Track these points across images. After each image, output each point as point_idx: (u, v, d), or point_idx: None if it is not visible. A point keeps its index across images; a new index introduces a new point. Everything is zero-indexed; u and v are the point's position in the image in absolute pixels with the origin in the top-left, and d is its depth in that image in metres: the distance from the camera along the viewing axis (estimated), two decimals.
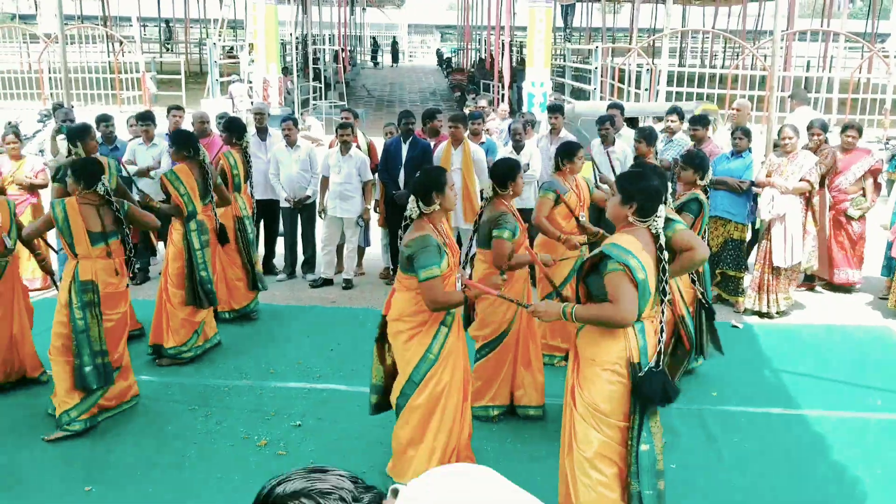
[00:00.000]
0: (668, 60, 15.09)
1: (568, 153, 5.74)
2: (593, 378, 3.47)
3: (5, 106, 15.68)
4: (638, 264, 3.34)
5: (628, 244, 3.39)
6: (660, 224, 3.47)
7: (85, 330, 4.79)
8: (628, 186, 3.50)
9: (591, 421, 3.48)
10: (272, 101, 15.71)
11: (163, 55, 32.15)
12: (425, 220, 4.04)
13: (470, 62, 32.62)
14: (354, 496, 1.50)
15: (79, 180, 4.88)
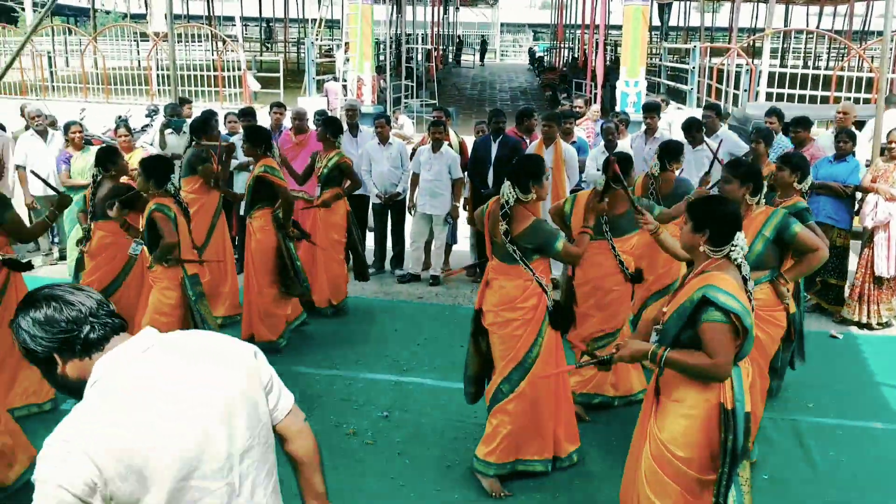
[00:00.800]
0: (770, 61, 14.58)
1: (674, 153, 5.62)
2: (676, 423, 3.14)
3: (116, 101, 16.50)
4: (743, 309, 3.01)
5: (729, 287, 3.05)
6: (739, 253, 3.16)
7: (204, 321, 5.08)
8: (698, 213, 3.21)
9: (668, 469, 3.14)
10: (365, 99, 16.04)
11: (263, 54, 33.19)
12: (526, 209, 4.07)
13: (562, 61, 32.36)
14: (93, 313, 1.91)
15: (149, 178, 5.04)
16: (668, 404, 3.19)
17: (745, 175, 4.22)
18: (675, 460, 3.11)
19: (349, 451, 4.68)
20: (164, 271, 5.08)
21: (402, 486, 4.32)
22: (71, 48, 23.41)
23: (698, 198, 3.45)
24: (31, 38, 10.57)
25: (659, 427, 3.18)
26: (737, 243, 3.15)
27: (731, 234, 3.14)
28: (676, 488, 3.13)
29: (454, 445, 4.74)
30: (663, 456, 3.15)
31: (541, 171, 4.08)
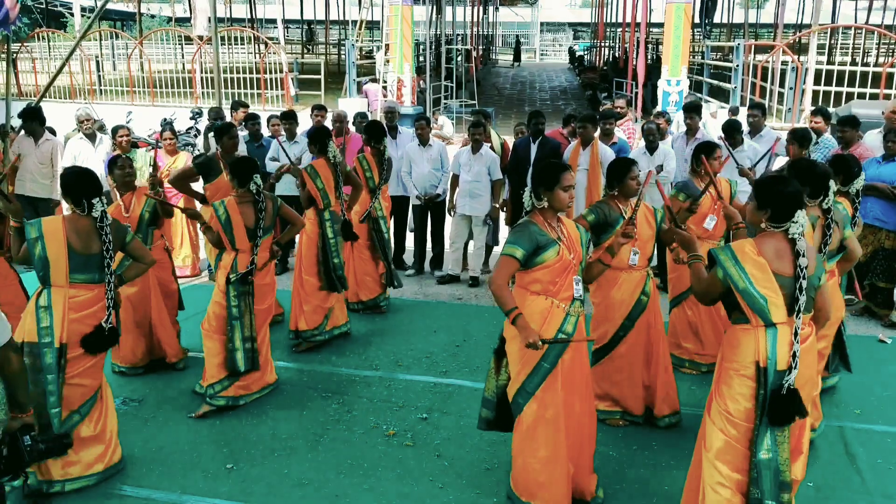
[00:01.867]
0: (816, 58, 14.30)
1: (708, 153, 5.57)
2: (726, 379, 3.50)
3: (161, 104, 16.81)
4: (739, 273, 3.39)
5: (741, 252, 3.43)
6: (798, 230, 3.38)
7: (239, 317, 5.15)
8: (762, 192, 3.48)
9: (718, 421, 3.51)
10: (405, 101, 16.11)
11: (304, 56, 33.52)
12: (535, 214, 3.96)
13: (602, 60, 32.10)
14: None
15: (233, 178, 5.24)
16: (722, 367, 3.55)
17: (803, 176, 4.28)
18: (724, 412, 3.47)
19: (389, 452, 4.71)
20: (223, 260, 5.26)
21: (440, 487, 4.33)
22: (118, 52, 23.93)
23: (763, 178, 3.65)
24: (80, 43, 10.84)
25: (717, 387, 3.55)
26: (796, 220, 3.38)
27: (792, 212, 3.38)
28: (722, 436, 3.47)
29: (494, 448, 4.74)
30: (717, 409, 3.51)
31: (553, 180, 3.88)
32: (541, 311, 3.88)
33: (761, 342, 3.39)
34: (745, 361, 3.42)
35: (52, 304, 4.05)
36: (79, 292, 4.12)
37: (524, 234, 3.86)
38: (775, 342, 3.37)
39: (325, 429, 4.98)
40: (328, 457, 4.65)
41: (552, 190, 3.89)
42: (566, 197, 3.91)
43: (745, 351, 3.42)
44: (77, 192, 4.13)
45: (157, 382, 5.68)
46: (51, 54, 19.70)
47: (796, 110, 13.47)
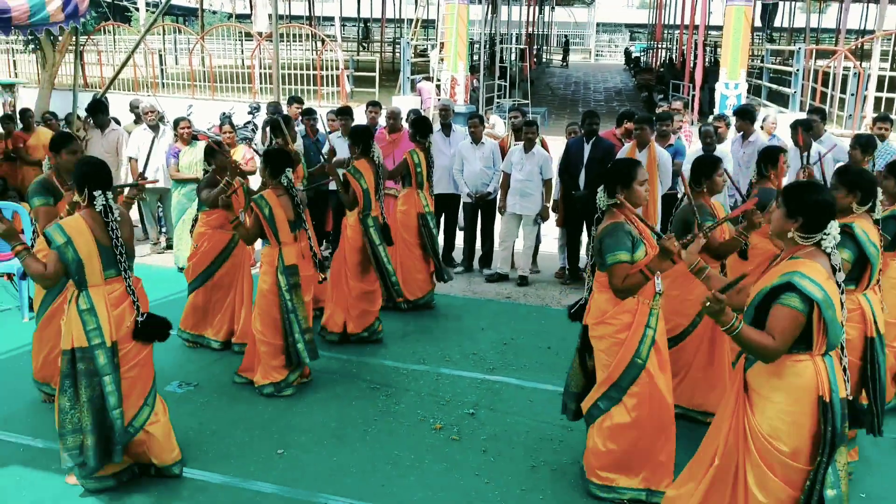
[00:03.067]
0: (879, 64, 13.92)
1: (773, 158, 5.47)
2: (772, 414, 3.17)
3: (220, 98, 17.15)
4: (827, 300, 3.04)
5: (817, 275, 3.07)
6: (831, 242, 3.13)
7: (294, 310, 5.25)
8: (793, 199, 3.18)
9: (773, 463, 3.17)
10: (458, 99, 16.16)
11: (360, 53, 33.85)
12: (616, 211, 4.00)
13: (659, 62, 31.71)
14: None
15: (265, 167, 5.34)
16: (762, 400, 3.21)
17: (853, 183, 4.15)
18: (779, 454, 3.14)
19: (435, 445, 4.77)
20: (267, 255, 5.35)
21: (486, 483, 4.37)
22: (180, 47, 24.47)
23: (793, 184, 3.33)
24: (144, 37, 11.15)
25: (759, 422, 3.19)
26: (829, 232, 3.13)
27: (825, 222, 3.13)
28: (779, 483, 3.16)
29: (539, 446, 4.76)
30: (768, 451, 3.17)
31: (630, 176, 3.94)
32: (629, 311, 3.96)
33: (822, 372, 3.12)
34: (803, 395, 3.12)
35: (94, 304, 3.98)
36: (113, 287, 4.06)
37: (620, 235, 3.89)
38: (834, 370, 3.15)
39: (372, 420, 5.06)
40: (375, 447, 4.73)
41: (629, 186, 3.94)
42: (643, 192, 3.97)
43: (801, 383, 3.12)
44: (83, 182, 3.99)
45: (212, 367, 5.83)
46: (115, 47, 20.23)
47: (857, 117, 13.14)
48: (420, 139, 7.09)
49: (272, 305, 5.30)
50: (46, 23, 7.55)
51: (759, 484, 3.21)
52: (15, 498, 4.12)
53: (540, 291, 7.81)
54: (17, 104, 12.46)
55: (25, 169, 9.21)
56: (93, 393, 3.98)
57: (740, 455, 3.28)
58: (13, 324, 6.66)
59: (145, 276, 4.83)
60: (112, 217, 4.01)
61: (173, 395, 5.32)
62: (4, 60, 20.46)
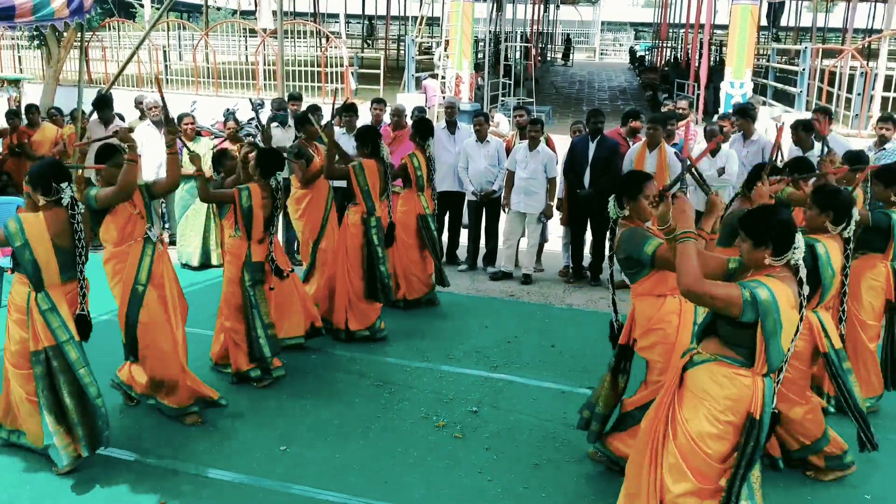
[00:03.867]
0: (887, 64, 13.85)
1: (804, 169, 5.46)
2: (703, 416, 3.28)
3: (224, 95, 17.15)
4: (776, 321, 3.10)
5: (780, 296, 3.12)
6: (798, 256, 3.18)
7: (256, 305, 5.32)
8: (757, 229, 3.20)
9: (691, 460, 3.30)
10: (463, 97, 16.13)
11: (364, 50, 33.83)
12: (627, 221, 4.03)
13: (664, 61, 31.64)
14: None
15: (257, 165, 5.34)
16: (696, 400, 3.31)
17: (825, 203, 4.20)
18: (701, 454, 3.28)
19: (438, 442, 4.76)
20: (233, 246, 5.38)
21: (489, 480, 4.37)
22: (184, 43, 24.47)
23: (748, 213, 3.35)
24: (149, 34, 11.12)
25: (687, 418, 3.30)
26: (797, 246, 3.19)
27: (791, 240, 3.18)
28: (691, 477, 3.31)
29: (543, 444, 4.75)
30: (691, 448, 3.30)
31: (635, 188, 3.95)
32: (674, 311, 3.98)
33: (758, 391, 3.21)
34: (736, 408, 3.23)
35: (54, 303, 4.08)
36: (68, 288, 4.17)
37: (638, 233, 3.90)
38: (772, 391, 3.25)
39: (375, 417, 5.06)
40: (378, 444, 4.72)
41: (636, 200, 3.95)
42: (649, 205, 3.93)
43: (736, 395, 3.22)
44: (47, 180, 4.02)
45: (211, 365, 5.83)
46: (120, 43, 20.23)
47: (864, 116, 13.09)
48: (420, 141, 7.04)
49: (235, 296, 5.36)
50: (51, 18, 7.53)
51: (672, 470, 3.36)
52: (16, 492, 4.12)
53: (544, 290, 7.80)
54: (22, 100, 12.45)
55: (30, 164, 9.20)
56: (72, 387, 4.09)
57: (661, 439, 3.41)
58: None
59: None
60: (77, 210, 4.08)
61: None
62: (9, 56, 20.47)
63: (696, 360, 3.37)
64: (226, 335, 5.49)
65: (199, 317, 6.14)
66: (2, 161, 9.23)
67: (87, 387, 4.11)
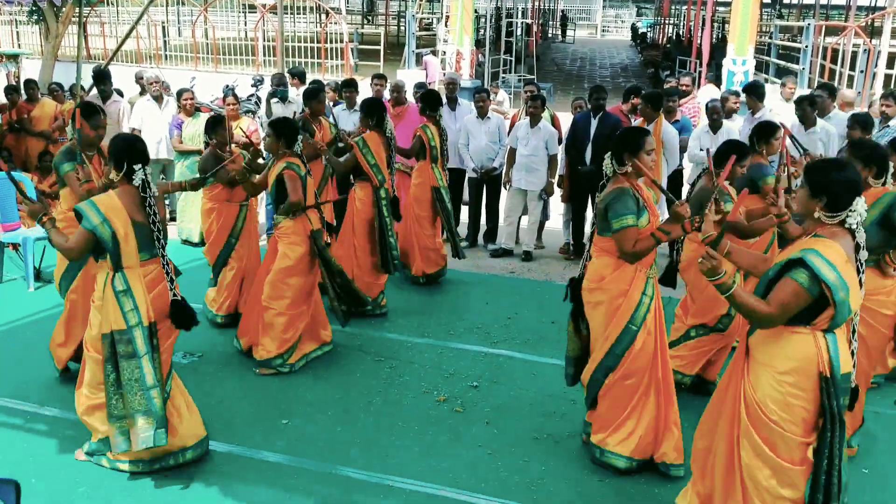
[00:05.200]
0: (890, 41, 13.76)
1: (765, 134, 5.42)
2: (766, 383, 3.17)
3: (224, 71, 17.05)
4: (840, 283, 2.99)
5: (834, 256, 3.03)
6: (857, 219, 3.09)
7: (335, 270, 5.36)
8: (817, 178, 3.13)
9: (761, 430, 3.19)
10: (464, 73, 16.04)
11: (364, 26, 33.60)
12: (622, 178, 4.02)
13: (666, 37, 31.44)
14: None
15: (279, 138, 5.26)
16: (759, 366, 3.21)
17: (868, 157, 4.15)
18: (769, 422, 3.16)
19: (439, 417, 4.79)
20: (293, 225, 5.27)
21: (489, 454, 4.40)
22: (183, 19, 24.31)
23: (816, 162, 3.30)
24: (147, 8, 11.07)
25: (753, 387, 3.22)
26: (855, 208, 3.09)
27: (850, 200, 3.09)
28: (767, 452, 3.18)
29: (543, 419, 4.79)
30: (759, 417, 3.19)
31: (637, 143, 3.96)
32: (627, 279, 4.01)
33: (822, 348, 3.10)
34: (802, 367, 3.11)
35: (130, 285, 3.91)
36: (148, 269, 3.99)
37: (625, 199, 3.92)
38: (836, 346, 3.12)
39: (377, 392, 5.09)
40: (379, 418, 4.75)
41: (637, 154, 3.95)
42: (649, 160, 3.99)
43: (801, 354, 3.11)
44: (121, 157, 3.91)
45: (217, 338, 5.85)
46: (119, 19, 20.10)
47: (866, 94, 13.04)
48: (430, 113, 7.01)
49: (299, 273, 5.26)
50: None
51: (752, 454, 3.22)
52: (24, 466, 4.16)
53: (544, 267, 7.81)
54: (21, 75, 12.38)
55: (30, 140, 9.18)
56: (131, 375, 3.92)
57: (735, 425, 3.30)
58: (19, 293, 6.69)
59: None
60: (150, 192, 3.96)
61: (178, 365, 5.33)
62: (8, 31, 20.33)
63: (753, 327, 3.29)
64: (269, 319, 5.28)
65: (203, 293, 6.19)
66: (1, 137, 9.20)
67: (145, 376, 3.92)
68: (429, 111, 7.01)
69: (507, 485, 4.13)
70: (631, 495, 4.06)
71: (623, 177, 4.02)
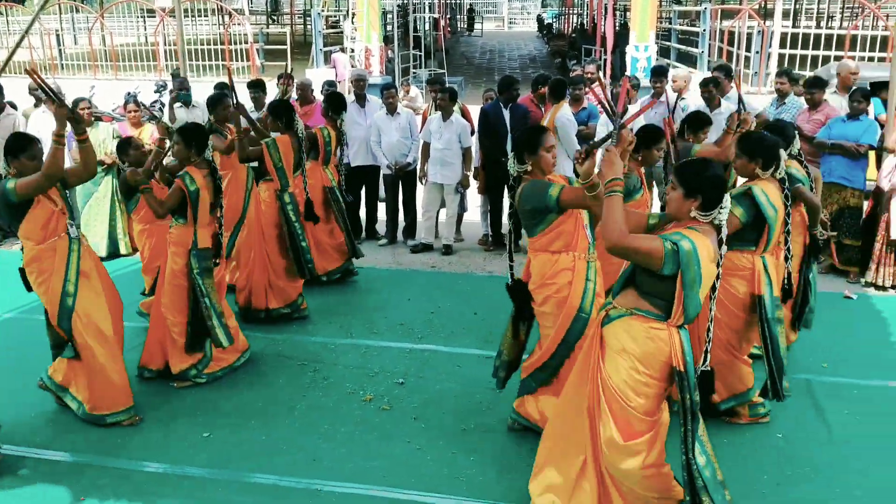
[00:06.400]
0: (782, 22, 14.38)
1: (698, 126, 5.62)
2: (622, 370, 3.30)
3: (125, 78, 16.49)
4: (696, 273, 3.13)
5: (701, 248, 3.16)
6: (723, 216, 3.24)
7: (207, 294, 5.02)
8: (692, 179, 3.23)
9: (618, 413, 3.32)
10: (374, 70, 15.93)
11: (269, 26, 33.01)
12: (527, 178, 4.07)
13: (571, 27, 32.01)
14: None
15: (189, 145, 5.04)
16: (615, 355, 3.34)
17: (753, 150, 4.27)
18: (627, 406, 3.30)
19: (365, 416, 4.74)
20: (179, 235, 5.07)
21: (418, 449, 4.38)
22: (78, 26, 23.37)
23: (686, 162, 3.42)
24: (38, 16, 10.53)
25: (609, 374, 3.34)
26: (724, 206, 3.23)
27: (721, 197, 3.23)
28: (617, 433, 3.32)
29: (469, 410, 4.79)
30: (619, 404, 3.32)
31: (534, 141, 4.01)
32: (568, 268, 4.04)
33: (676, 343, 3.26)
34: (655, 362, 3.27)
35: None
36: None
37: (541, 185, 3.93)
38: (689, 342, 3.30)
39: (300, 396, 4.99)
40: (305, 423, 4.66)
41: (536, 153, 3.99)
42: (549, 157, 4.02)
43: (654, 348, 3.26)
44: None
45: (130, 354, 5.61)
46: (9, 28, 19.19)
47: (762, 74, 13.58)
48: (333, 115, 6.91)
49: (183, 289, 5.06)
50: None
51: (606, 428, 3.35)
52: None
53: (464, 259, 7.83)
54: None
55: None
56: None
57: (595, 401, 3.42)
58: None
59: None
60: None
61: None
62: None
63: (612, 316, 3.40)
64: (172, 331, 5.13)
65: None
66: None
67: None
68: (332, 113, 6.90)
69: (437, 478, 4.11)
70: None
71: (527, 175, 4.06)
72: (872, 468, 4.18)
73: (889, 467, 4.19)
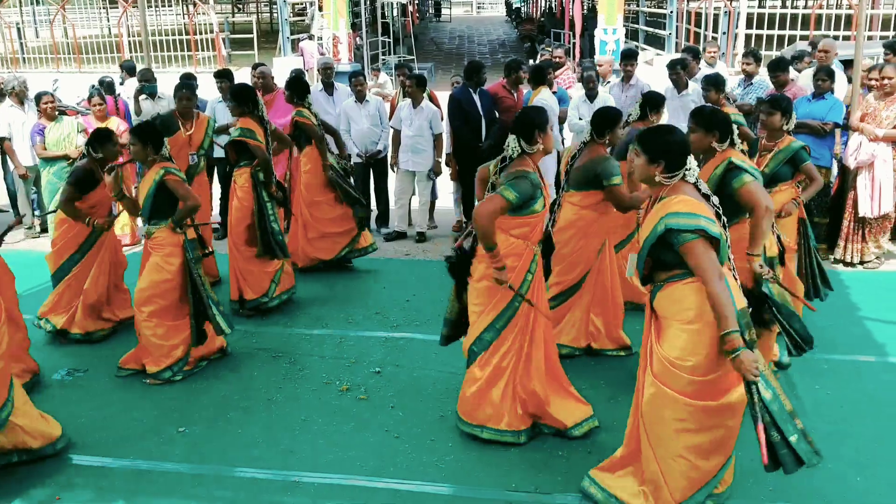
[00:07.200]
0: (748, 2, 14.48)
1: (656, 103, 5.67)
2: (677, 335, 3.30)
3: (88, 70, 16.20)
4: (706, 221, 3.19)
5: (686, 206, 3.22)
6: (693, 175, 3.32)
7: (203, 284, 5.03)
8: (653, 145, 3.33)
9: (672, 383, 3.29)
10: (342, 58, 15.81)
11: (235, 15, 32.60)
12: (526, 160, 4.05)
13: (539, 12, 32.00)
14: None
15: (145, 144, 4.98)
16: (664, 323, 3.36)
17: (709, 123, 4.25)
18: (680, 372, 3.26)
19: (343, 406, 4.72)
20: (169, 236, 5.02)
21: (396, 437, 4.38)
22: (39, 18, 22.91)
23: (647, 129, 3.48)
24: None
25: (661, 345, 3.34)
26: (689, 166, 3.31)
27: (684, 160, 3.30)
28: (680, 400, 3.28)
29: (446, 397, 4.79)
30: (668, 371, 3.29)
31: (545, 120, 4.05)
32: (518, 254, 4.07)
33: None
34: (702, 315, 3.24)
35: None
36: None
37: (524, 183, 3.95)
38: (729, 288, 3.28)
39: (277, 388, 4.97)
40: (281, 415, 4.64)
41: (545, 131, 4.03)
42: (551, 135, 4.11)
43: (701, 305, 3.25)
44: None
45: (102, 351, 5.57)
46: None
47: (730, 54, 13.67)
48: (298, 101, 6.78)
49: (175, 285, 5.03)
50: None
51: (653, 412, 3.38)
52: None
53: (439, 246, 7.82)
54: None
55: None
56: None
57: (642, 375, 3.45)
58: None
59: (18, 263, 4.54)
60: None
61: (62, 384, 5.07)
62: None
63: (654, 292, 3.43)
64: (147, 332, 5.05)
65: None
66: None
67: None
68: (296, 99, 6.78)
69: (415, 466, 4.12)
70: (535, 461, 4.12)
71: (529, 157, 4.04)
72: (844, 438, 4.26)
73: (861, 435, 4.27)
